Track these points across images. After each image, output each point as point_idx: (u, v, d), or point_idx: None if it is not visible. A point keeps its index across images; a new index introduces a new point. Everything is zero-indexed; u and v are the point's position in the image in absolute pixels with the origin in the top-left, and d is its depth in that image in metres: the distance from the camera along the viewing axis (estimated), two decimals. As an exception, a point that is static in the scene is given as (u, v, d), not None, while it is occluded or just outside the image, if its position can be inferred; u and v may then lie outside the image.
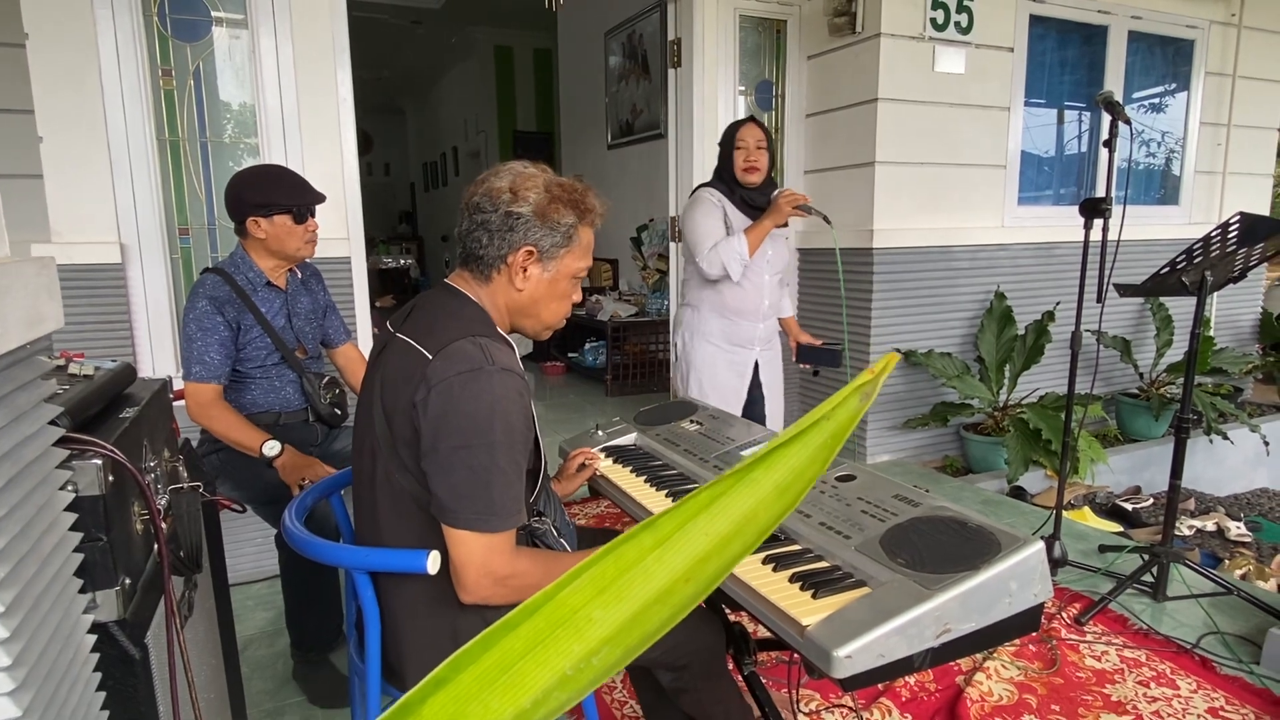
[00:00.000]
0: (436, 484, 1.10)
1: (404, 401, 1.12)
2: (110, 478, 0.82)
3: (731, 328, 2.51)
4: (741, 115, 3.78)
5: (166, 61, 2.49)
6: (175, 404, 2.08)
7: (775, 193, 2.41)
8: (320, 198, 1.97)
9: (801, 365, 2.62)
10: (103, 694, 0.82)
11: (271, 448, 1.82)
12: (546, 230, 1.20)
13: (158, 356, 2.54)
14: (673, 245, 3.90)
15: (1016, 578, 1.07)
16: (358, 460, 1.23)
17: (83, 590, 0.81)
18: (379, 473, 1.16)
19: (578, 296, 1.31)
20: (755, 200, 2.46)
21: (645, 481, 1.64)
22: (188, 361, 1.85)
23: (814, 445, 0.30)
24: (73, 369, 0.98)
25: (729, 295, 2.48)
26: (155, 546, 0.96)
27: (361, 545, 1.23)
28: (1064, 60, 3.97)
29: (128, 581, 0.85)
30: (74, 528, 0.79)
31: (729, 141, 2.46)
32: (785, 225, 2.51)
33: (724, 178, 2.48)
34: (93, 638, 0.81)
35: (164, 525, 0.96)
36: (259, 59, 2.56)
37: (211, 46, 2.55)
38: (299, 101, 2.61)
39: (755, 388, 2.59)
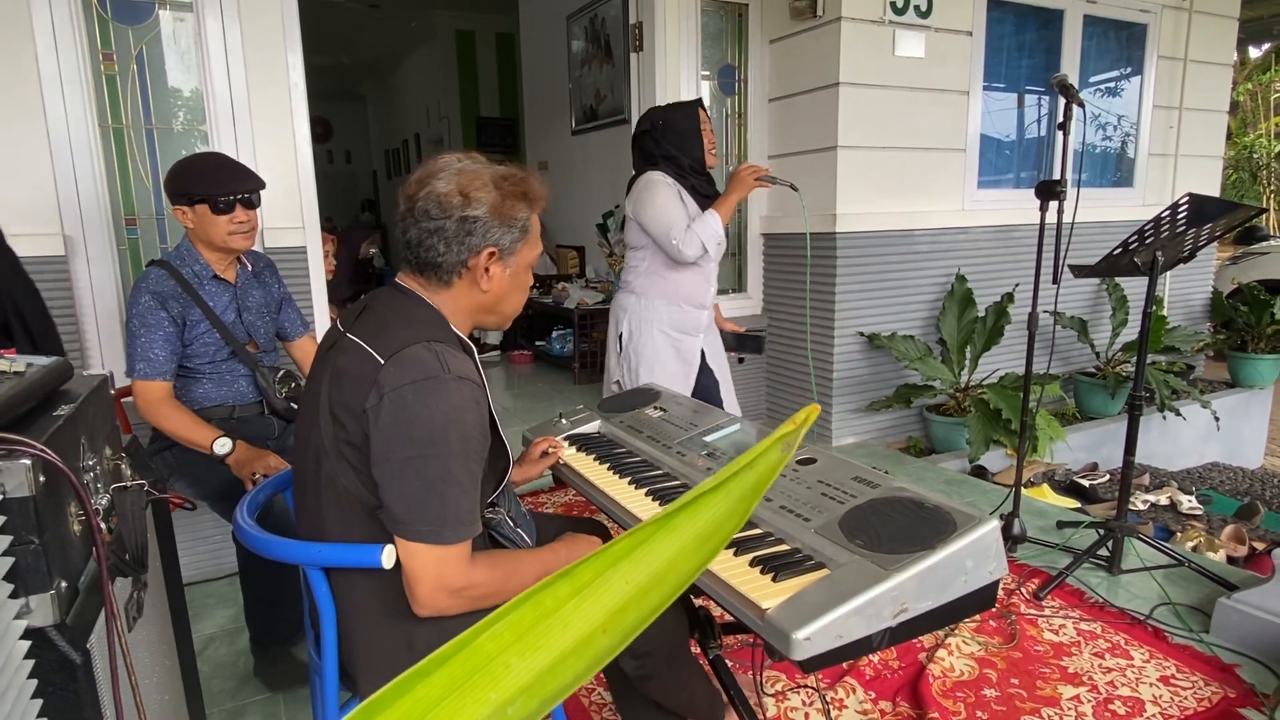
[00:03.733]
0: (388, 495, 1.07)
1: (354, 404, 1.09)
2: (41, 478, 0.79)
3: (680, 315, 2.46)
4: (705, 100, 3.76)
5: (107, 45, 2.40)
6: (125, 400, 2.04)
7: (734, 168, 2.37)
8: (248, 188, 1.89)
9: (728, 353, 2.61)
10: (39, 701, 0.79)
11: (223, 445, 1.78)
12: (505, 229, 1.17)
13: (107, 352, 2.47)
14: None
15: (972, 556, 1.09)
16: (300, 459, 1.20)
17: (14, 595, 0.78)
18: (323, 475, 1.13)
19: (530, 281, 1.30)
20: (704, 189, 2.41)
21: (609, 469, 1.63)
22: (131, 359, 1.79)
23: (735, 495, 0.29)
24: (1, 366, 0.94)
25: (682, 283, 2.42)
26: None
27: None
28: (1022, 45, 4.01)
29: (64, 585, 0.82)
30: (2, 530, 0.76)
31: (694, 124, 2.36)
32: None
33: (680, 163, 2.38)
34: (26, 644, 0.78)
35: (103, 525, 0.92)
36: (205, 42, 2.48)
37: (156, 29, 2.47)
38: (248, 87, 2.54)
39: (704, 374, 2.55)
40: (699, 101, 2.44)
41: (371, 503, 1.11)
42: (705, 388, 2.57)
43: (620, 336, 2.51)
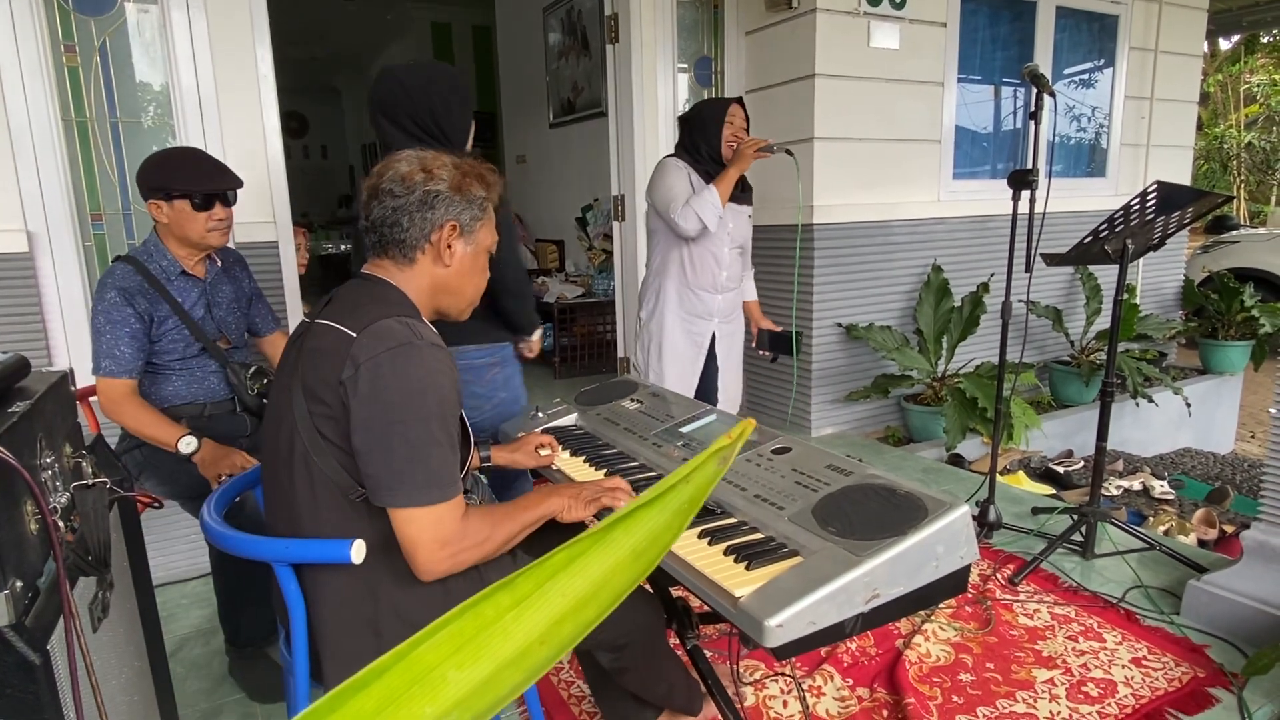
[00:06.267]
0: (373, 463, 1.08)
1: (329, 378, 1.10)
2: (-7, 476, 0.77)
3: (691, 298, 2.54)
4: (683, 92, 3.75)
5: (69, 37, 2.35)
6: (92, 398, 2.00)
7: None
8: (230, 184, 1.87)
9: (760, 351, 2.67)
10: (-4, 704, 0.78)
11: (188, 444, 1.75)
12: (465, 204, 1.21)
13: (75, 349, 2.42)
14: (615, 225, 3.87)
15: (943, 541, 1.10)
16: (271, 449, 1.19)
17: (-34, 596, 0.76)
18: (295, 461, 1.12)
19: (487, 273, 1.33)
20: (716, 174, 2.46)
21: (585, 462, 1.63)
22: (97, 356, 1.76)
23: (672, 509, 0.29)
24: (-46, 362, 0.92)
25: (688, 266, 2.50)
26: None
27: (276, 537, 1.19)
28: (996, 36, 4.04)
29: (19, 585, 0.81)
30: (-47, 530, 0.74)
31: (716, 116, 2.44)
32: (748, 203, 2.58)
33: (700, 152, 2.47)
34: (-20, 645, 0.76)
35: (61, 524, 0.91)
36: (170, 34, 2.43)
37: (119, 21, 2.41)
38: (216, 80, 2.49)
39: (711, 360, 2.62)
40: (738, 99, 2.55)
41: (346, 484, 1.12)
42: (706, 374, 2.63)
43: (640, 318, 2.64)
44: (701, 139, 2.47)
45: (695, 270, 2.51)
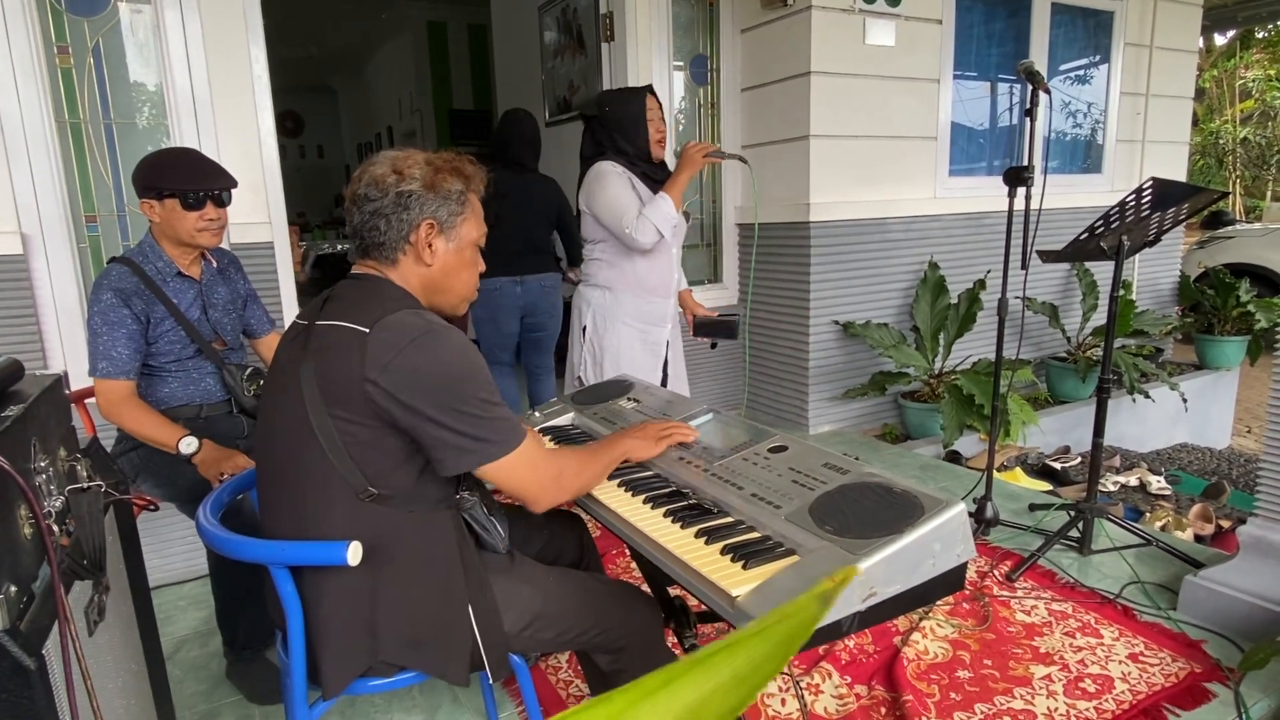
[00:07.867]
0: (443, 442, 1.12)
1: (349, 375, 1.10)
2: (-14, 480, 0.77)
3: (646, 306, 2.41)
4: (679, 91, 3.75)
5: (62, 38, 2.34)
6: (89, 400, 2.00)
7: (681, 146, 2.32)
8: (221, 184, 1.86)
9: (699, 339, 2.56)
10: (-9, 709, 0.77)
11: (188, 444, 1.75)
12: (440, 201, 1.21)
13: (69, 352, 2.42)
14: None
15: (940, 539, 1.10)
16: (269, 452, 1.18)
17: (-40, 601, 0.76)
18: (306, 459, 1.12)
19: (481, 266, 1.32)
20: (655, 174, 2.36)
21: (582, 461, 1.62)
22: (94, 357, 1.76)
23: (774, 640, 0.29)
24: (-53, 366, 0.92)
25: (645, 273, 2.38)
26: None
27: (275, 539, 1.19)
28: (991, 33, 4.04)
29: (13, 590, 0.80)
30: (-54, 535, 0.73)
31: (638, 112, 2.30)
32: None
33: (626, 151, 2.33)
34: (-26, 651, 0.76)
35: (55, 528, 0.90)
36: (164, 35, 2.42)
37: (113, 21, 2.41)
38: (210, 80, 2.49)
39: (664, 367, 2.51)
40: (649, 88, 2.38)
41: (359, 484, 1.12)
42: (661, 382, 2.54)
43: (584, 330, 2.46)
44: (625, 140, 2.31)
45: (653, 276, 2.39)
